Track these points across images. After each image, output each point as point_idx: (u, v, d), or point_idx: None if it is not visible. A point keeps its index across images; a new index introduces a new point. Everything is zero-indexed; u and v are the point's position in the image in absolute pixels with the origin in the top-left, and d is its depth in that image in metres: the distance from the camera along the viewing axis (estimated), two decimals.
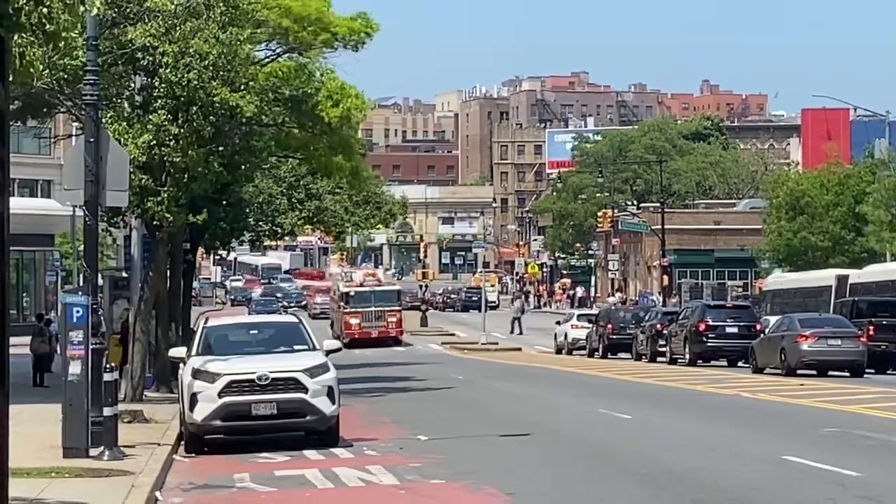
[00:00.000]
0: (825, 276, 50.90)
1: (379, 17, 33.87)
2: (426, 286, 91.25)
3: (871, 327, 37.02)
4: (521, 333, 72.02)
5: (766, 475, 15.27)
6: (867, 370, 35.59)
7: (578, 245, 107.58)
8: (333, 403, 19.79)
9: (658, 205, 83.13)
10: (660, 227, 77.18)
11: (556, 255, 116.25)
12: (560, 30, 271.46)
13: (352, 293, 64.12)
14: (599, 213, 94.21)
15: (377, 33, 33.50)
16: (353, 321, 61.73)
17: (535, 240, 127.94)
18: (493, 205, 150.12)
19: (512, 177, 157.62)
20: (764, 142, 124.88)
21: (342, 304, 64.60)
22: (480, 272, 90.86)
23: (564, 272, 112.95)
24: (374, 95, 64.05)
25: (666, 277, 75.35)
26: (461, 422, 24.66)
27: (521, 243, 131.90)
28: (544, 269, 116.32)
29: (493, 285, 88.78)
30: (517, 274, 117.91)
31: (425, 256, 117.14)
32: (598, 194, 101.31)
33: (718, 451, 18.18)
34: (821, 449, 17.72)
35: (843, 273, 49.32)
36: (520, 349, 62.46)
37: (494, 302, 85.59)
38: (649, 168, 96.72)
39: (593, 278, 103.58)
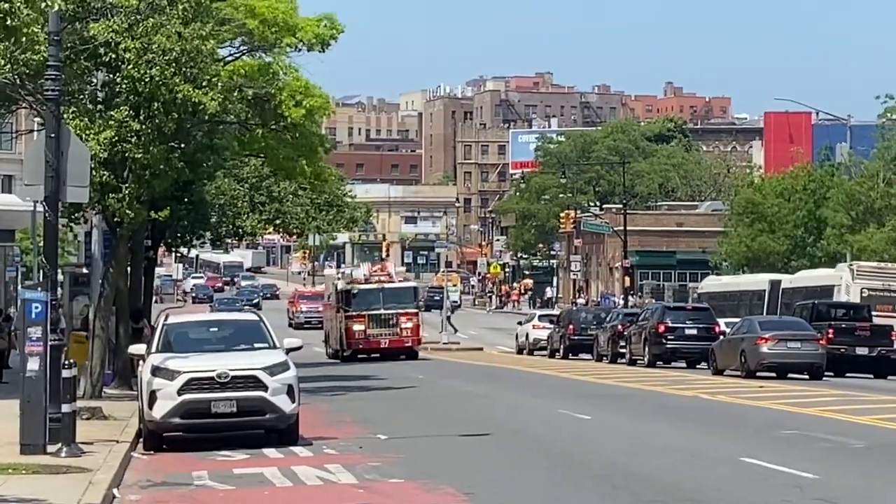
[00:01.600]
0: (759, 281, 52.66)
1: (344, 14, 34.48)
2: None
3: (831, 330, 37.39)
4: (455, 332, 69.64)
5: (725, 476, 15.33)
6: (826, 373, 36.07)
7: (541, 245, 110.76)
8: (293, 402, 19.79)
9: (620, 206, 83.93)
10: (622, 228, 77.39)
11: (519, 255, 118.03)
12: (525, 30, 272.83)
13: (355, 292, 49.36)
14: (562, 214, 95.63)
15: (341, 33, 33.61)
16: (357, 327, 48.22)
17: (498, 240, 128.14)
18: (457, 205, 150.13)
19: (475, 177, 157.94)
20: (727, 144, 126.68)
21: (342, 306, 49.92)
22: (443, 272, 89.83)
23: (526, 272, 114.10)
24: (337, 94, 61.14)
25: (628, 279, 75.75)
26: (421, 421, 24.78)
27: (483, 243, 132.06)
28: (506, 270, 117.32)
29: (454, 285, 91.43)
30: (479, 274, 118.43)
31: (388, 255, 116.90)
32: (560, 195, 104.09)
33: (677, 453, 18.17)
34: (779, 451, 17.74)
35: (777, 278, 51.15)
36: (481, 349, 63.13)
37: (457, 302, 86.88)
38: (612, 169, 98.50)
39: (555, 279, 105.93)
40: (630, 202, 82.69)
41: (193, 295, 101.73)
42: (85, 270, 31.61)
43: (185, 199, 37.75)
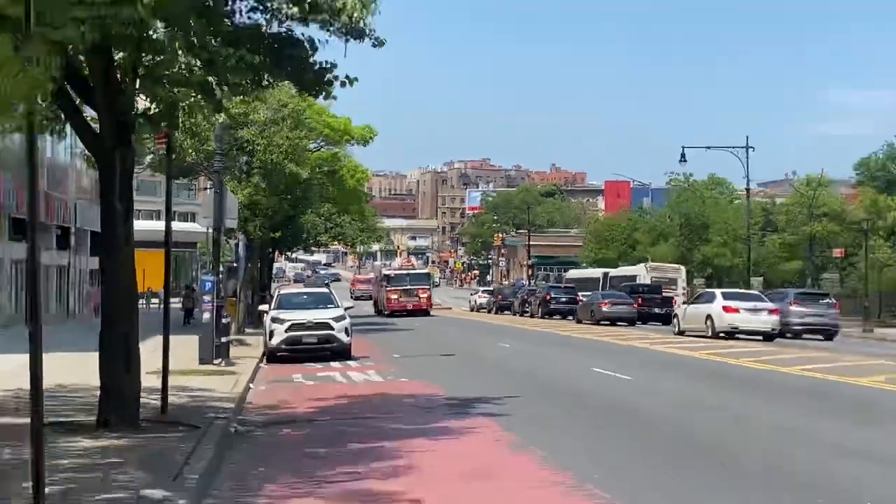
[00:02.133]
0: (598, 272, 76.93)
1: (375, 118, 71.00)
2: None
3: (640, 299, 57.73)
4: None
5: (579, 376, 17.30)
6: (638, 322, 54.86)
7: (483, 252, 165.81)
8: (348, 336, 31.36)
9: (526, 231, 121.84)
10: (527, 243, 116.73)
11: (472, 257, 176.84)
12: (475, 132, 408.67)
13: (392, 275, 74.21)
14: (495, 235, 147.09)
15: (377, 136, 52.07)
16: (393, 296, 69.20)
17: (460, 249, 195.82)
18: (438, 230, 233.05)
19: (448, 215, 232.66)
20: (584, 199, 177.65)
21: (384, 283, 72.37)
22: (430, 266, 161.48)
23: (475, 267, 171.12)
24: (374, 168, 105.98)
25: (530, 271, 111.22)
26: (417, 347, 36.55)
27: (451, 251, 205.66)
28: (464, 265, 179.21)
29: (437, 274, 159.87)
30: (449, 268, 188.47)
31: (401, 255, 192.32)
32: (494, 225, 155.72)
33: (571, 366, 28.67)
34: (613, 362, 18.96)
35: (607, 271, 75.58)
36: (451, 308, 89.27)
37: (438, 283, 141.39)
38: (522, 211, 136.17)
39: (491, 270, 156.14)
40: (532, 229, 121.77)
41: (294, 279, 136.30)
42: (234, 265, 46.18)
43: (290, 227, 54.81)
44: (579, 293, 65.40)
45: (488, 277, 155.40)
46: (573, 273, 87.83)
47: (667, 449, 14.15)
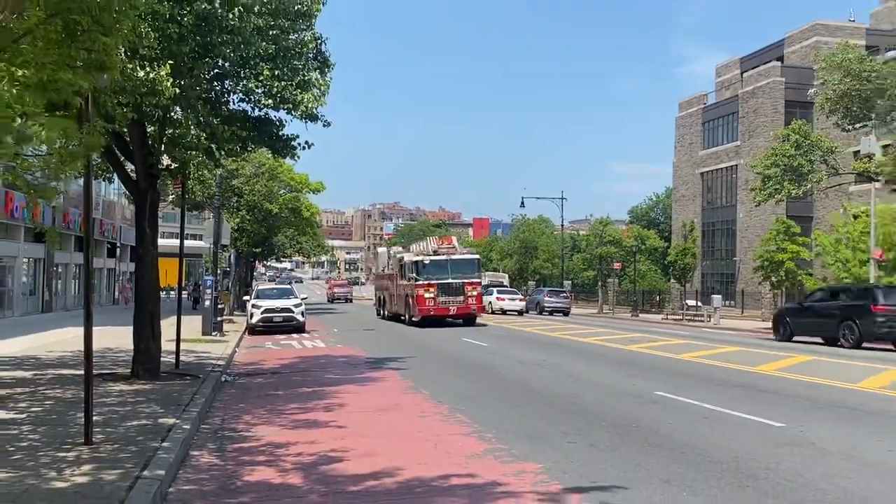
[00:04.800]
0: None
1: (323, 175, 72.97)
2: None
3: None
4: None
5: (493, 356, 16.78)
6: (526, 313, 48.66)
7: None
8: (303, 317, 31.03)
9: None
10: None
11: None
12: (391, 183, 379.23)
13: (426, 262, 34.01)
14: (372, 258, 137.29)
15: (326, 188, 53.67)
16: (428, 295, 33.27)
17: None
18: (364, 248, 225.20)
19: (372, 238, 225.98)
20: (460, 229, 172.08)
21: (412, 275, 34.15)
22: (360, 271, 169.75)
23: None
24: (322, 206, 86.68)
25: None
26: (350, 324, 36.98)
27: (374, 263, 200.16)
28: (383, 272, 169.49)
29: (364, 277, 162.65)
30: (372, 273, 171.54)
31: (339, 268, 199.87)
32: (402, 247, 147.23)
33: (449, 336, 22.12)
34: (528, 348, 19.26)
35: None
36: (373, 299, 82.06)
37: (364, 282, 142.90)
38: (421, 237, 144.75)
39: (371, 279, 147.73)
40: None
41: (267, 278, 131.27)
42: (228, 269, 43.81)
43: (266, 244, 54.57)
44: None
45: None
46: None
47: (509, 391, 14.25)
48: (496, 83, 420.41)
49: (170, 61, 11.55)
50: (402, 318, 35.90)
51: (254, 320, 30.26)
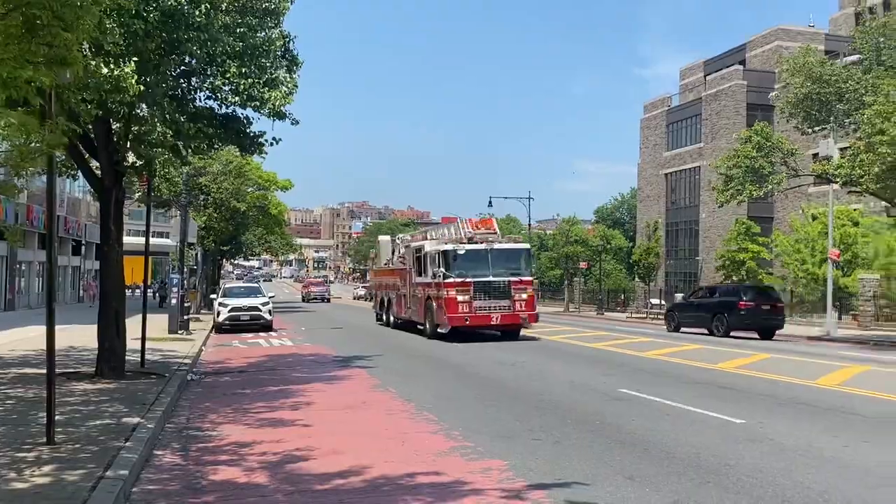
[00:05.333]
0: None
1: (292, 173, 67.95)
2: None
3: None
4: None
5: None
6: None
7: (364, 261, 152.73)
8: (271, 316, 30.46)
9: None
10: None
11: (355, 265, 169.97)
12: (361, 182, 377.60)
13: (459, 253, 24.83)
14: (371, 251, 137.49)
15: (295, 186, 56.02)
16: (462, 297, 24.31)
17: (347, 259, 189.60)
18: (333, 247, 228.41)
19: (340, 237, 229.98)
20: (431, 229, 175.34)
21: (438, 270, 24.95)
22: (328, 271, 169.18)
23: (358, 271, 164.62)
24: (290, 205, 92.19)
25: None
26: (319, 323, 35.99)
27: (342, 260, 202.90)
28: (350, 269, 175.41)
29: (333, 275, 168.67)
30: (341, 271, 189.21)
31: (308, 266, 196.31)
32: (370, 243, 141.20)
33: (418, 334, 25.04)
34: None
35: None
36: (341, 297, 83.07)
37: (333, 281, 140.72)
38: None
39: (368, 273, 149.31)
40: None
41: (235, 276, 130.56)
42: (195, 267, 45.23)
43: (233, 242, 54.57)
44: None
45: (367, 277, 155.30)
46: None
47: (477, 388, 14.25)
48: (464, 82, 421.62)
49: (135, 58, 11.36)
50: (420, 327, 26.74)
51: (221, 319, 29.69)
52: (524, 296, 24.54)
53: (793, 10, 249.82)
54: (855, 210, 41.46)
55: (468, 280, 24.18)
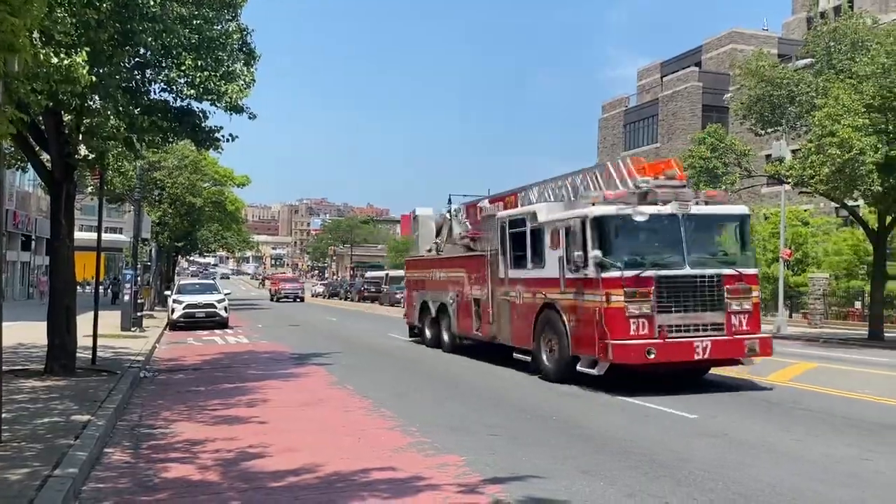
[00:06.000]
0: (383, 273, 67.27)
1: (249, 169, 64.88)
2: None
3: None
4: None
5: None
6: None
7: (322, 258, 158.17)
8: (227, 313, 30.10)
9: (349, 245, 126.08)
10: (350, 253, 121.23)
11: (314, 262, 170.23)
12: (320, 178, 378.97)
13: (638, 221, 12.17)
14: (329, 248, 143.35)
15: (252, 182, 53.28)
16: (636, 307, 11.99)
17: (306, 256, 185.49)
18: (291, 244, 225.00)
19: (299, 234, 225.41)
20: (388, 226, 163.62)
21: (593, 255, 12.39)
22: (286, 267, 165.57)
23: (316, 268, 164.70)
24: (248, 201, 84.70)
25: (352, 271, 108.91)
26: (276, 321, 35.55)
27: (300, 257, 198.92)
28: (309, 266, 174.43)
29: (293, 272, 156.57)
30: (299, 269, 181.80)
31: (265, 263, 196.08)
32: (329, 241, 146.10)
33: (373, 331, 25.41)
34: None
35: (388, 272, 65.25)
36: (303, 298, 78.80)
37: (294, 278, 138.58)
38: (348, 232, 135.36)
39: (326, 270, 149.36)
40: (353, 244, 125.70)
41: (190, 273, 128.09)
42: (149, 263, 42.67)
43: (189, 238, 53.23)
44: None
45: (325, 274, 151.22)
46: (370, 273, 77.81)
47: (435, 385, 14.22)
48: (426, 79, 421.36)
49: (87, 48, 11.09)
50: (520, 356, 15.46)
51: (175, 315, 29.24)
52: (747, 305, 13.13)
53: (748, 12, 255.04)
54: (805, 210, 42.32)
55: (647, 275, 12.51)
